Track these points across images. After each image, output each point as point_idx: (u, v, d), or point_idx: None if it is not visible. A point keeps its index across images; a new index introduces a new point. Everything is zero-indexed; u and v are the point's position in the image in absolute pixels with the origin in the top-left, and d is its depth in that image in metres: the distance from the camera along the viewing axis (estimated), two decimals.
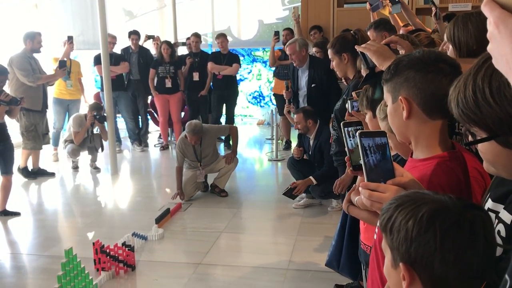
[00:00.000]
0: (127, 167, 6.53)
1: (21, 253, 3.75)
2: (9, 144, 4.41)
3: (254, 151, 7.45)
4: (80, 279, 2.93)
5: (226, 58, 6.87)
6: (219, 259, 3.50)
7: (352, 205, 1.77)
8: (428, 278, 0.85)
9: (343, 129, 1.28)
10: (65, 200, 5.15)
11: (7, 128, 4.45)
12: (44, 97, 5.65)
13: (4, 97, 4.18)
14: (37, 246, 3.87)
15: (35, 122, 5.51)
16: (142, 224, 4.20)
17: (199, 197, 5.00)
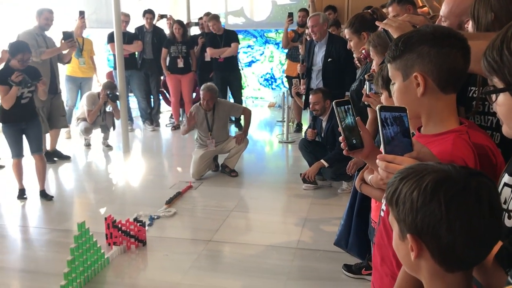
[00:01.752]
0: (138, 146, 6.57)
1: (35, 227, 3.81)
2: (38, 122, 4.37)
3: (264, 133, 7.45)
4: (92, 252, 2.98)
5: (223, 39, 6.74)
6: (229, 237, 3.54)
7: (364, 183, 1.78)
8: (436, 247, 0.85)
9: (335, 109, 1.27)
10: (78, 176, 5.21)
11: (36, 107, 4.41)
12: (52, 78, 5.37)
13: (15, 77, 4.01)
14: (50, 220, 3.93)
15: (39, 104, 5.18)
16: (153, 201, 4.25)
17: (209, 176, 5.04)
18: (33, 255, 3.38)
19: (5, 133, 4.18)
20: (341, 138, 1.26)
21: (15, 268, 3.14)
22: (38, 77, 4.25)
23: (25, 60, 4.11)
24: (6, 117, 4.13)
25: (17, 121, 4.15)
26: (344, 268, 2.98)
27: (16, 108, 4.09)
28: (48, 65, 5.31)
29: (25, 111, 4.18)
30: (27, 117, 4.21)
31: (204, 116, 5.01)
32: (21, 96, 4.12)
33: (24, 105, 4.16)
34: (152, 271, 3.04)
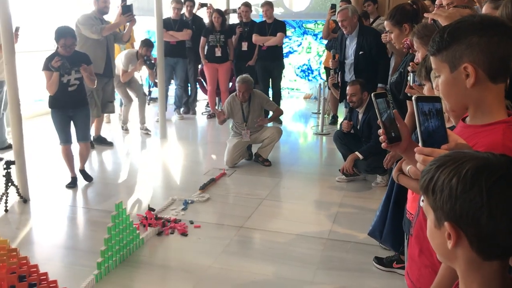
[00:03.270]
0: (175, 132, 6.69)
1: (75, 206, 3.95)
2: (86, 111, 4.36)
3: (299, 125, 7.44)
4: (128, 232, 3.08)
5: (271, 28, 6.77)
6: (260, 224, 3.58)
7: (402, 174, 1.77)
8: (475, 234, 0.85)
9: (374, 101, 1.25)
10: (115, 159, 5.36)
11: (86, 95, 4.41)
12: (108, 61, 5.40)
13: (54, 62, 3.95)
14: (89, 200, 4.07)
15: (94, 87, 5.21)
16: (188, 186, 4.35)
17: (243, 165, 5.09)
18: (72, 232, 3.52)
19: (53, 118, 4.19)
20: (381, 131, 1.25)
21: (56, 245, 3.28)
22: (88, 63, 4.22)
23: (68, 46, 4.04)
24: (53, 103, 4.15)
25: (63, 108, 4.14)
26: (375, 261, 2.97)
27: (63, 95, 4.09)
28: (104, 48, 5.34)
29: (73, 98, 4.16)
30: (74, 104, 4.19)
31: (240, 107, 5.05)
32: (68, 83, 4.10)
33: (72, 92, 4.14)
34: (185, 254, 3.12)
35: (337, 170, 4.61)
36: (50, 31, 4.36)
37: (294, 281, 2.80)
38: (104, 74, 5.31)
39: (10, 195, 3.80)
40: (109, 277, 2.79)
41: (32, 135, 5.57)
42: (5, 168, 3.78)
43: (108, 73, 5.42)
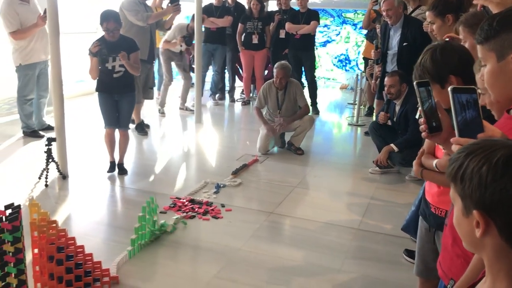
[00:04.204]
0: (209, 118, 6.76)
1: (111, 184, 4.06)
2: (131, 98, 4.22)
3: (334, 115, 7.38)
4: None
5: (304, 17, 6.72)
6: (290, 211, 3.59)
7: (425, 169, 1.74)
8: (505, 223, 0.84)
9: (417, 89, 1.23)
10: (151, 141, 5.47)
11: (132, 82, 4.23)
12: (151, 47, 5.43)
13: (93, 47, 3.89)
14: (125, 179, 4.17)
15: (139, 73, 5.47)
16: (220, 170, 4.41)
17: (275, 152, 5.10)
18: (108, 209, 3.64)
19: (99, 101, 4.12)
20: (422, 120, 1.23)
21: (92, 220, 3.39)
22: (132, 50, 4.06)
23: (110, 30, 3.92)
24: (100, 86, 4.09)
25: (109, 92, 4.07)
26: (405, 253, 2.94)
27: (109, 80, 4.02)
28: (148, 34, 5.39)
29: (118, 84, 4.05)
30: (120, 90, 4.08)
31: (275, 94, 5.04)
32: (113, 70, 4.01)
33: (117, 79, 4.04)
34: (215, 236, 3.17)
35: (370, 162, 4.56)
36: (96, 13, 4.43)
37: (322, 268, 2.81)
38: (148, 60, 5.39)
39: (50, 171, 3.95)
40: (142, 254, 2.87)
41: (73, 115, 5.74)
42: (47, 145, 3.92)
43: (151, 59, 5.50)
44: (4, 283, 1.96)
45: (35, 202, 2.48)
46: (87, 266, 2.44)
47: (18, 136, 5.27)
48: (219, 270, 2.73)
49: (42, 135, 5.18)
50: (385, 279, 2.73)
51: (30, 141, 5.13)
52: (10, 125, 5.69)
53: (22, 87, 5.16)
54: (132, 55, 4.06)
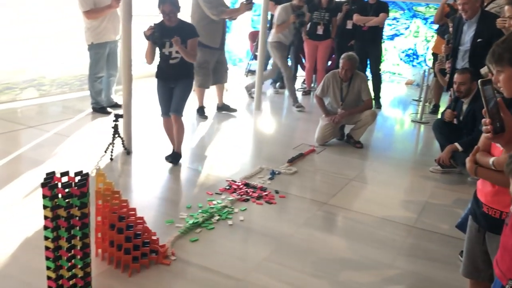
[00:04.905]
0: (269, 106, 6.80)
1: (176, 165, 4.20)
2: (186, 85, 4.05)
3: (397, 111, 7.19)
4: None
5: (373, 8, 6.55)
6: (345, 203, 3.57)
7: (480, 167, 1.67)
8: None
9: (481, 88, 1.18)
10: (213, 125, 5.58)
11: (192, 67, 4.09)
12: (223, 35, 5.57)
13: (146, 31, 3.81)
14: (183, 158, 4.30)
15: (209, 59, 5.51)
16: (276, 158, 4.44)
17: (334, 144, 5.06)
18: (167, 186, 3.77)
19: (156, 88, 4.08)
20: (487, 121, 1.18)
21: (151, 194, 3.54)
22: (189, 36, 3.89)
23: (166, 13, 3.79)
24: (157, 73, 4.04)
25: (166, 80, 3.99)
26: (460, 255, 2.84)
27: (166, 66, 3.94)
28: (221, 23, 5.50)
29: (175, 71, 3.94)
30: (176, 76, 3.97)
31: (339, 85, 4.98)
32: (170, 56, 3.89)
33: (174, 65, 3.92)
34: (267, 220, 3.21)
35: (432, 160, 4.43)
36: None
37: (372, 261, 2.78)
38: (219, 47, 5.54)
39: (115, 145, 4.15)
40: (196, 231, 2.97)
41: (140, 95, 5.96)
42: (114, 121, 4.12)
43: (222, 45, 5.64)
44: (70, 244, 2.10)
45: (101, 172, 2.62)
46: (145, 237, 2.56)
47: (87, 111, 5.56)
48: (269, 254, 2.77)
49: (109, 111, 5.43)
50: (435, 278, 2.66)
51: (98, 116, 5.40)
52: (81, 100, 6.01)
53: (93, 65, 5.43)
54: (190, 41, 3.88)
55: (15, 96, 5.69)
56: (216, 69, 5.71)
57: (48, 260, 2.08)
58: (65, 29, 6.09)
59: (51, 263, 2.08)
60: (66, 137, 4.61)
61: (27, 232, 2.79)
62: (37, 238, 2.64)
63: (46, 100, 5.98)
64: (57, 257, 2.09)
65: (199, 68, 5.48)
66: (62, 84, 6.20)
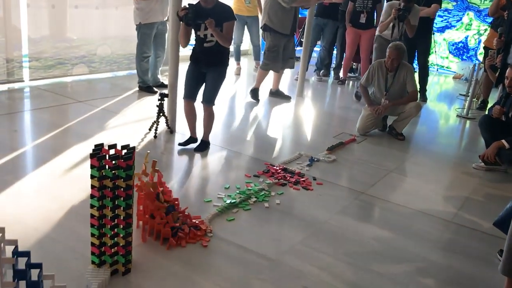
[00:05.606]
0: (311, 93, 6.78)
1: (213, 144, 4.27)
2: (219, 72, 3.93)
3: (442, 105, 7.02)
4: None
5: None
6: (383, 194, 3.55)
7: None
8: None
9: None
10: (255, 109, 5.63)
11: (226, 54, 3.94)
12: (294, 22, 5.61)
13: (180, 11, 3.70)
14: (223, 141, 4.38)
15: (279, 44, 5.57)
16: (316, 145, 4.45)
17: (375, 134, 5.01)
18: (207, 166, 3.85)
19: (186, 70, 4.00)
20: None
21: (191, 174, 3.64)
22: (225, 19, 3.74)
23: None
24: (191, 55, 3.96)
25: (197, 63, 3.90)
26: (499, 253, 2.79)
27: (200, 49, 3.84)
28: (292, 10, 5.49)
29: (208, 55, 3.83)
30: (208, 61, 3.86)
31: (384, 75, 4.92)
32: (205, 39, 3.78)
33: (208, 49, 3.80)
34: (303, 205, 3.24)
35: (476, 157, 4.33)
36: None
37: (408, 253, 2.77)
38: (290, 34, 5.56)
39: (160, 124, 4.27)
40: (231, 211, 3.03)
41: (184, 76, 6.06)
42: (159, 100, 4.23)
43: (292, 32, 5.64)
44: (114, 214, 2.20)
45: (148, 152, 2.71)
46: (183, 210, 2.64)
47: (134, 89, 5.73)
48: (303, 238, 2.81)
49: (155, 91, 5.58)
50: (471, 274, 2.62)
51: (144, 95, 5.56)
52: (128, 79, 6.19)
53: (140, 45, 5.56)
54: (226, 24, 3.74)
55: (66, 71, 5.92)
56: (284, 55, 5.71)
57: (93, 228, 2.19)
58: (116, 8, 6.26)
59: (95, 230, 2.19)
60: (113, 113, 4.77)
61: (73, 201, 2.94)
62: (83, 207, 2.78)
63: (95, 76, 6.19)
64: (101, 225, 2.20)
65: (268, 52, 5.62)
66: (111, 62, 6.39)
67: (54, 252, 2.38)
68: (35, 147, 3.81)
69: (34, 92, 5.32)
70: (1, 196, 2.91)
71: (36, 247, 2.40)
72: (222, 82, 3.97)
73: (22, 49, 5.47)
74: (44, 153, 3.67)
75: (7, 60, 5.29)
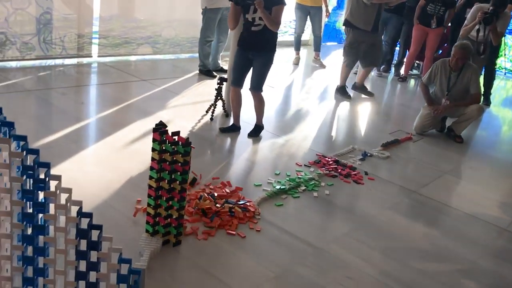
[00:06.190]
0: (369, 87, 6.66)
1: (267, 131, 4.32)
2: (266, 58, 3.85)
3: (506, 111, 6.72)
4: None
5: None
6: (435, 195, 3.47)
7: None
8: None
9: None
10: (316, 99, 5.63)
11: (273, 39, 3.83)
12: (376, 20, 5.44)
13: None
14: (276, 128, 4.42)
15: (360, 40, 5.49)
16: (370, 140, 4.42)
17: (432, 134, 4.89)
18: (259, 151, 3.91)
19: (235, 56, 4.00)
20: None
21: (242, 156, 3.72)
22: (275, 3, 3.66)
23: None
24: (239, 40, 3.92)
25: (245, 48, 3.87)
26: None
27: (247, 33, 3.80)
28: (376, 8, 5.37)
29: (255, 39, 3.78)
30: (255, 46, 3.82)
31: (447, 74, 4.75)
32: (253, 22, 3.73)
33: (255, 33, 3.75)
34: (353, 198, 3.25)
35: None
36: None
37: (455, 255, 2.72)
38: (372, 31, 5.44)
39: (217, 107, 4.38)
40: (280, 197, 3.09)
41: None
42: (218, 84, 4.33)
43: (375, 29, 5.50)
44: (170, 187, 2.31)
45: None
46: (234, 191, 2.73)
47: (194, 72, 5.87)
48: (350, 230, 2.82)
49: (215, 75, 5.69)
50: None
51: (203, 79, 5.69)
52: (189, 62, 6.35)
53: (204, 29, 5.68)
54: (275, 8, 3.67)
55: (131, 50, 6.15)
56: (367, 52, 5.62)
57: (150, 198, 2.31)
58: None
59: (151, 201, 2.31)
60: (173, 94, 4.93)
61: (132, 172, 3.09)
62: (141, 179, 2.92)
63: (159, 57, 6.39)
64: (158, 196, 2.31)
65: (348, 48, 5.57)
66: (174, 44, 6.57)
67: (111, 218, 2.53)
68: (98, 119, 4.01)
69: (101, 68, 5.58)
70: (66, 163, 3.11)
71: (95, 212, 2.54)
72: (269, 68, 3.95)
73: (92, 26, 5.74)
74: (106, 126, 3.87)
75: (78, 35, 5.56)
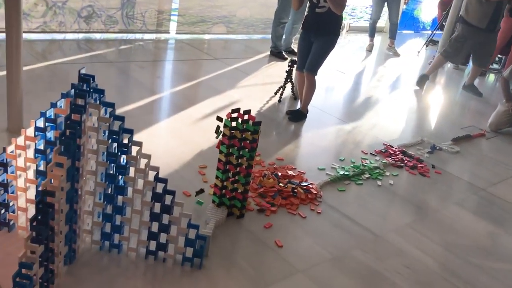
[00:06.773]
0: (444, 80, 6.45)
1: (324, 111, 4.34)
2: (325, 41, 3.82)
3: None
4: None
5: None
6: (504, 195, 3.36)
7: None
8: None
9: None
10: (379, 93, 5.54)
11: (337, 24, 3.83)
12: (494, 17, 5.20)
13: None
14: (342, 114, 4.41)
15: (468, 37, 5.32)
16: (440, 133, 4.31)
17: (508, 132, 4.67)
18: (326, 136, 3.93)
19: (299, 40, 4.04)
20: None
21: (310, 141, 3.76)
22: None
23: None
24: (303, 22, 3.95)
25: (307, 31, 3.88)
26: None
27: (311, 16, 3.80)
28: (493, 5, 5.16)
29: (317, 22, 3.76)
30: (317, 29, 3.80)
31: None
32: (317, 4, 3.71)
33: (319, 15, 3.73)
34: (417, 190, 3.20)
35: None
36: None
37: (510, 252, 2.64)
38: (487, 28, 5.24)
39: (286, 90, 4.43)
40: (343, 182, 3.11)
41: None
42: (289, 66, 4.38)
43: (491, 28, 5.28)
44: (237, 162, 2.41)
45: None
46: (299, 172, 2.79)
47: (265, 53, 5.94)
48: (411, 221, 2.80)
49: (285, 57, 5.73)
50: None
51: (274, 60, 5.75)
52: (261, 42, 6.42)
53: (279, 10, 5.71)
54: None
55: (206, 29, 6.32)
56: (477, 50, 5.49)
57: (218, 171, 2.43)
58: None
59: (220, 173, 2.43)
60: (244, 74, 5.03)
61: (202, 146, 3.23)
62: (210, 153, 3.06)
63: (232, 37, 6.52)
64: (226, 170, 2.42)
65: (454, 41, 5.45)
66: (248, 25, 6.67)
67: (182, 187, 2.68)
68: (172, 94, 4.20)
69: (177, 45, 5.79)
70: (141, 133, 3.30)
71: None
72: (328, 52, 3.89)
73: (172, 4, 5.94)
74: (180, 101, 4.04)
75: (158, 11, 5.79)
